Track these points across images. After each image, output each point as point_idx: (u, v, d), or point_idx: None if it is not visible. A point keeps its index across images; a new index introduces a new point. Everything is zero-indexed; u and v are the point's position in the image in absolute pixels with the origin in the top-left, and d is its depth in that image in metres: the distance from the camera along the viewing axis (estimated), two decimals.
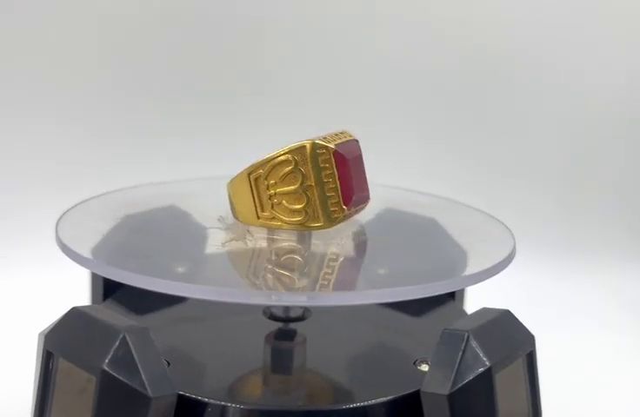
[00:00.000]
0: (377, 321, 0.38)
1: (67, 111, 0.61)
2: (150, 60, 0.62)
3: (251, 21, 0.61)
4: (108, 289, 0.38)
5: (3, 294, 0.56)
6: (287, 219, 0.32)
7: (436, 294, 0.29)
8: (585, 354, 0.51)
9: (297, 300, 0.28)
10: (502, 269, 0.32)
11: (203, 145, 0.62)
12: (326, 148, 0.32)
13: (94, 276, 0.39)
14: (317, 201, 0.32)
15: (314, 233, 0.33)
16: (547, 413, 0.33)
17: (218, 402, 0.29)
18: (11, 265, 0.58)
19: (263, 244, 0.33)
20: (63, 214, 0.35)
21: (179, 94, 0.62)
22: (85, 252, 0.31)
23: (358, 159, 0.33)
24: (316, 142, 0.32)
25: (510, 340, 0.30)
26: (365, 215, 0.36)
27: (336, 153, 0.32)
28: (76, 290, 0.45)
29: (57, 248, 0.32)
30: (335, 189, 0.32)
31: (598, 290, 0.61)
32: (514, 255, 0.33)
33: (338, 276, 0.32)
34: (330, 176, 0.32)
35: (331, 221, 0.32)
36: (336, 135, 0.33)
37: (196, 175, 0.42)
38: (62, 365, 0.29)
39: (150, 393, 0.27)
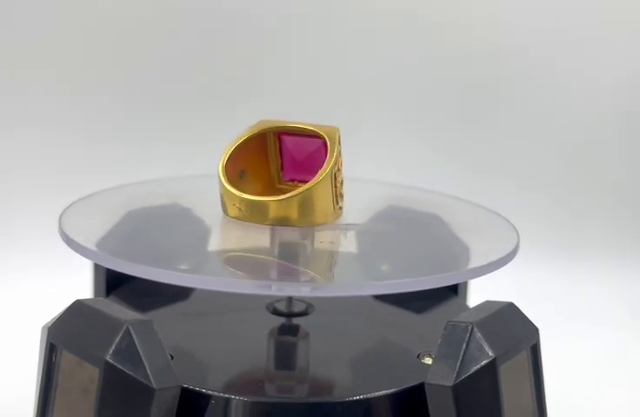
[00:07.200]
0: (381, 317, 0.37)
1: (66, 110, 0.62)
2: (148, 61, 0.62)
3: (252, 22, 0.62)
4: (110, 286, 0.38)
5: (7, 291, 0.56)
6: None
7: (439, 286, 0.29)
8: (587, 350, 0.51)
9: (301, 290, 0.28)
10: (505, 263, 0.32)
11: (204, 143, 0.62)
12: None
13: (96, 273, 0.39)
14: None
15: (317, 228, 0.33)
16: (551, 406, 0.33)
17: (222, 395, 0.29)
18: (14, 262, 0.58)
19: (267, 239, 0.33)
20: (66, 208, 0.35)
21: (180, 94, 0.62)
22: (90, 245, 0.31)
23: None
24: None
25: (514, 332, 0.30)
26: (368, 211, 0.36)
27: None
28: (77, 288, 0.45)
29: (59, 244, 0.32)
30: None
31: (601, 286, 0.61)
32: (517, 250, 0.33)
33: (341, 270, 0.32)
34: None
35: None
36: None
37: (197, 171, 0.42)
38: (65, 357, 0.29)
39: (153, 384, 0.27)
